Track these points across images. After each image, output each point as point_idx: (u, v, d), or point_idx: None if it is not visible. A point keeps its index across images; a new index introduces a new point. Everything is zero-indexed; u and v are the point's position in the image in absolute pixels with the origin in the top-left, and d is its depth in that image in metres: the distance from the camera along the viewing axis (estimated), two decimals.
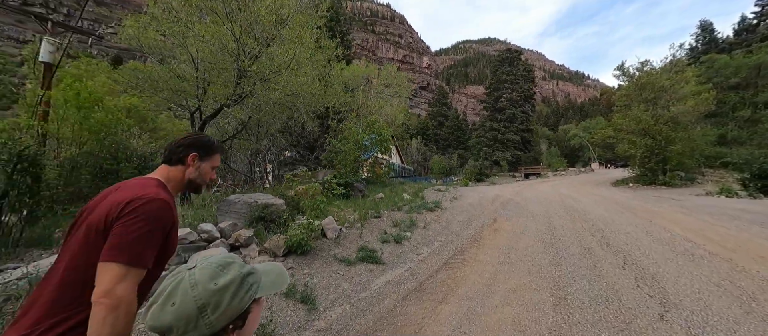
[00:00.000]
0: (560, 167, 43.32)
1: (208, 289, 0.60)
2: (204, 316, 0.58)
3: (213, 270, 0.63)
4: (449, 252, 4.69)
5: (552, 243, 5.03)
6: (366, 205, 7.75)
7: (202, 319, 0.58)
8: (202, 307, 0.58)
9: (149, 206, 0.92)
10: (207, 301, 0.59)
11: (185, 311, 0.58)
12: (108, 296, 0.81)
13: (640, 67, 21.77)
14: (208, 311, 0.59)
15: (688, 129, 19.67)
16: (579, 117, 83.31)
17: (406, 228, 5.99)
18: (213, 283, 0.61)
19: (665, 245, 4.65)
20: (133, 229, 0.88)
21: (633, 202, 9.91)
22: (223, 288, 0.61)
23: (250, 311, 0.66)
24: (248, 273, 0.67)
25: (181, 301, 0.58)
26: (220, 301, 0.60)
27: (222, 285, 0.61)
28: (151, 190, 0.97)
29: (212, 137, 1.25)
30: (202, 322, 0.58)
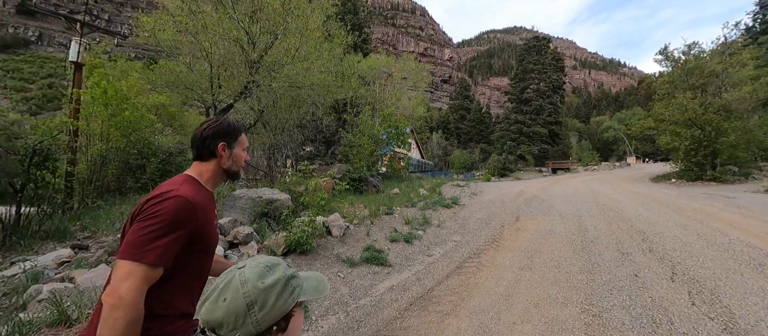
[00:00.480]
0: (592, 162, 40.63)
1: (256, 287, 0.61)
2: (252, 314, 0.59)
3: (261, 269, 0.65)
4: (464, 254, 4.27)
5: (583, 246, 4.45)
6: (379, 200, 7.44)
7: (250, 316, 0.59)
8: (250, 304, 0.60)
9: (164, 204, 0.90)
10: (255, 298, 0.60)
11: (235, 307, 0.59)
12: (111, 294, 0.80)
13: (687, 50, 19.61)
14: (256, 309, 0.60)
15: (744, 118, 17.49)
16: (613, 108, 77.77)
17: (418, 226, 5.61)
18: (261, 282, 0.62)
19: (724, 252, 3.94)
20: (145, 227, 0.87)
21: (678, 200, 8.85)
22: (269, 287, 0.62)
23: (293, 315, 0.67)
24: (292, 276, 0.68)
25: (232, 298, 0.60)
26: (266, 300, 0.61)
27: (269, 284, 0.62)
28: (175, 187, 0.96)
29: (231, 119, 1.19)
30: (249, 320, 0.59)
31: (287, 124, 13.24)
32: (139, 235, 0.86)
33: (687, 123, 16.86)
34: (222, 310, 0.60)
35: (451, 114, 66.86)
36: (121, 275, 0.81)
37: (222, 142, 1.09)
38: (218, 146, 1.09)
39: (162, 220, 0.88)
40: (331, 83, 7.86)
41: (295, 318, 0.67)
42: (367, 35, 23.29)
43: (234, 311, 0.59)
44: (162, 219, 0.88)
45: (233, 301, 0.60)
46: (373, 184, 9.68)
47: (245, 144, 1.18)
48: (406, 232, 5.10)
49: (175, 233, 0.90)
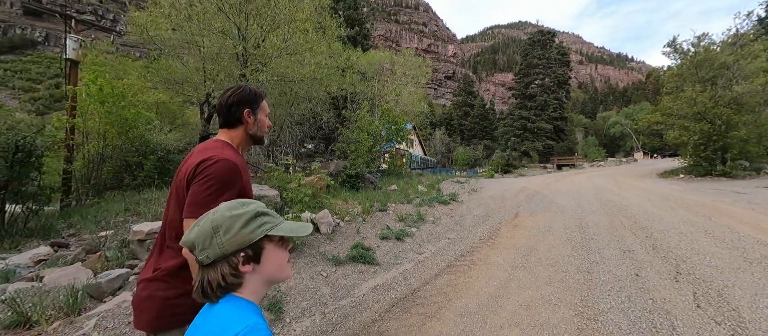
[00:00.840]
0: (598, 157, 39.97)
1: (223, 214, 0.69)
2: (217, 236, 0.67)
3: (233, 203, 0.73)
4: (456, 252, 4.09)
5: (582, 243, 4.24)
6: (374, 197, 7.27)
7: (216, 238, 0.67)
8: (216, 227, 0.67)
9: (216, 166, 1.02)
10: (220, 223, 0.68)
11: (204, 230, 0.68)
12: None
13: (697, 42, 19.02)
14: (221, 232, 0.67)
15: (756, 111, 16.94)
16: (621, 103, 76.41)
17: (412, 223, 5.43)
18: (229, 211, 0.69)
19: (733, 250, 3.70)
20: (205, 187, 0.99)
21: (685, 195, 8.54)
22: (236, 216, 0.69)
23: (264, 248, 0.71)
24: (264, 212, 0.73)
25: (203, 223, 0.69)
26: (231, 226, 0.68)
27: (235, 213, 0.69)
28: (219, 152, 1.06)
29: (252, 86, 1.25)
30: (215, 241, 0.67)
31: (285, 121, 13.12)
32: (202, 196, 0.98)
33: (696, 117, 16.39)
34: (194, 233, 0.68)
35: (454, 110, 66.30)
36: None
37: (247, 109, 1.16)
38: (244, 113, 1.16)
39: (217, 180, 1.01)
40: (324, 77, 7.66)
41: (268, 252, 0.72)
42: (367, 31, 23.05)
43: (203, 233, 0.67)
44: (217, 179, 1.01)
45: (203, 225, 0.68)
46: (371, 181, 9.51)
47: (267, 110, 1.25)
48: (398, 229, 4.93)
49: (229, 191, 1.03)
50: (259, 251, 0.71)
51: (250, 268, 0.70)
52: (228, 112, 1.16)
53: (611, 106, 76.64)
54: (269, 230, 0.71)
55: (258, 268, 0.71)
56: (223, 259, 0.68)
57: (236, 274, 0.68)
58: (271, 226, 0.72)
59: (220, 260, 0.68)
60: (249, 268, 0.70)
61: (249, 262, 0.70)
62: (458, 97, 70.61)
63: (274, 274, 0.74)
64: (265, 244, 0.72)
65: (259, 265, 0.71)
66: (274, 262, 0.73)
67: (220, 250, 0.67)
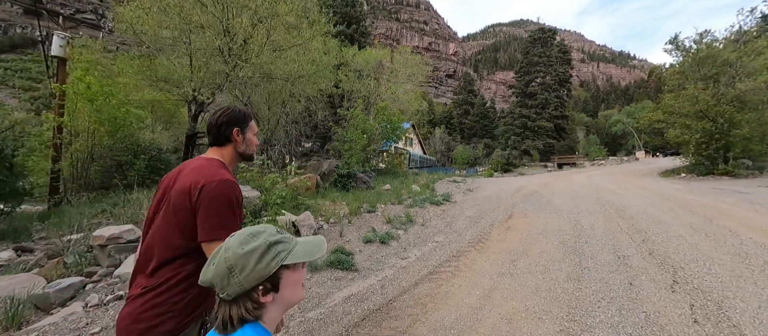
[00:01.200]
0: (599, 156, 39.61)
1: (236, 252, 0.68)
2: (233, 276, 0.66)
3: (244, 237, 0.71)
4: (442, 257, 3.88)
5: (576, 248, 4.03)
6: (364, 197, 7.07)
7: (232, 278, 0.66)
8: (231, 268, 0.67)
9: (221, 188, 1.05)
10: (234, 263, 0.67)
11: (220, 270, 0.67)
12: None
13: (699, 39, 18.69)
14: (237, 271, 0.66)
15: (759, 109, 16.63)
16: (623, 101, 75.87)
17: (399, 225, 5.23)
18: (241, 248, 0.68)
19: (734, 256, 3.48)
20: (218, 209, 1.02)
21: (686, 195, 8.30)
22: (249, 252, 0.68)
23: (281, 277, 0.72)
24: (277, 241, 0.72)
25: (217, 262, 0.68)
26: (245, 264, 0.67)
27: (248, 250, 0.68)
28: (218, 172, 1.09)
29: (241, 107, 1.28)
30: (233, 280, 0.66)
31: (280, 119, 12.92)
32: (218, 218, 1.01)
33: (698, 115, 16.11)
34: (211, 273, 0.68)
35: (454, 109, 65.96)
36: None
37: (236, 128, 1.19)
38: (233, 132, 1.19)
39: (227, 201, 1.04)
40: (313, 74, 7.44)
41: (286, 278, 0.72)
42: (364, 28, 22.80)
43: (219, 274, 0.67)
44: (227, 200, 1.04)
45: (218, 266, 0.68)
46: (364, 181, 9.31)
47: (255, 129, 1.29)
48: (384, 232, 4.73)
49: (238, 209, 1.07)
50: (277, 281, 0.72)
51: (270, 298, 0.71)
52: (218, 132, 1.20)
53: (613, 105, 76.14)
54: (284, 260, 0.71)
55: (277, 296, 0.72)
56: (244, 294, 0.69)
57: (258, 306, 0.69)
58: (285, 254, 0.72)
59: (240, 296, 0.69)
60: (269, 297, 0.71)
61: (268, 293, 0.70)
62: (458, 95, 70.24)
63: (293, 297, 0.76)
64: (282, 273, 0.72)
65: (278, 293, 0.72)
66: (291, 287, 0.74)
67: (239, 289, 0.67)
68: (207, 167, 1.11)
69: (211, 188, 1.03)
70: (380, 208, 6.29)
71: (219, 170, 1.11)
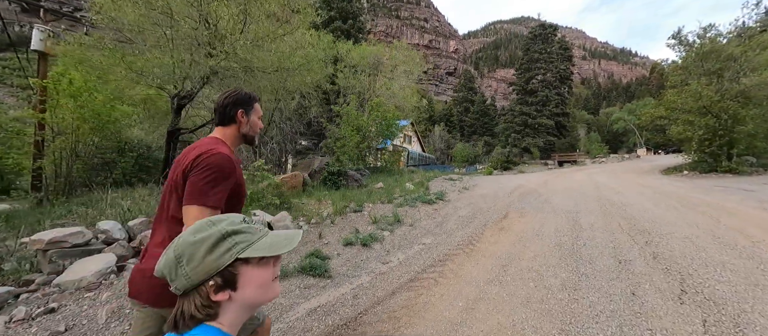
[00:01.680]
0: (600, 154, 39.22)
1: (186, 241, 0.62)
2: (180, 267, 0.60)
3: (201, 224, 0.65)
4: (427, 261, 3.56)
5: (573, 251, 3.71)
6: (353, 196, 6.77)
7: (180, 269, 0.60)
8: (179, 257, 0.61)
9: (212, 159, 1.07)
10: (182, 251, 0.61)
11: (169, 259, 0.61)
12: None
13: (702, 34, 18.27)
14: (184, 262, 0.60)
15: (764, 105, 16.25)
16: (624, 99, 75.30)
17: (386, 225, 4.91)
18: (193, 236, 0.62)
19: (747, 261, 3.16)
20: (203, 177, 1.04)
21: (690, 193, 7.97)
22: (198, 241, 0.61)
23: (238, 273, 0.62)
24: (235, 232, 0.64)
25: (169, 251, 0.62)
26: (193, 254, 0.61)
27: (198, 239, 0.62)
28: (214, 146, 1.12)
29: (247, 90, 1.31)
30: (180, 272, 0.60)
31: (274, 116, 12.59)
32: (200, 185, 1.04)
33: (701, 111, 15.75)
34: (163, 262, 0.62)
35: (454, 106, 65.53)
36: (193, 216, 0.99)
37: (241, 109, 1.22)
38: (238, 113, 1.22)
39: (214, 171, 1.06)
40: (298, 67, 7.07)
41: (245, 275, 0.63)
42: (361, 24, 22.40)
43: (168, 263, 0.61)
44: (214, 170, 1.06)
45: (168, 254, 0.62)
46: (355, 179, 9.00)
47: (260, 112, 1.30)
48: (368, 233, 4.42)
49: (225, 182, 1.09)
50: (232, 277, 0.62)
51: (225, 296, 0.62)
52: (223, 112, 1.22)
53: (614, 102, 75.61)
54: (241, 252, 0.62)
55: (235, 294, 0.62)
56: (194, 289, 0.61)
57: (209, 305, 0.61)
58: (243, 246, 0.63)
59: (191, 291, 0.61)
60: (224, 295, 0.62)
61: (222, 290, 0.61)
62: (458, 93, 69.74)
63: (257, 297, 0.65)
64: (239, 268, 0.62)
65: (235, 291, 0.62)
66: (253, 285, 0.64)
67: (186, 282, 0.60)
68: (207, 142, 1.15)
69: (204, 158, 1.06)
70: (368, 207, 5.97)
71: (217, 145, 1.14)
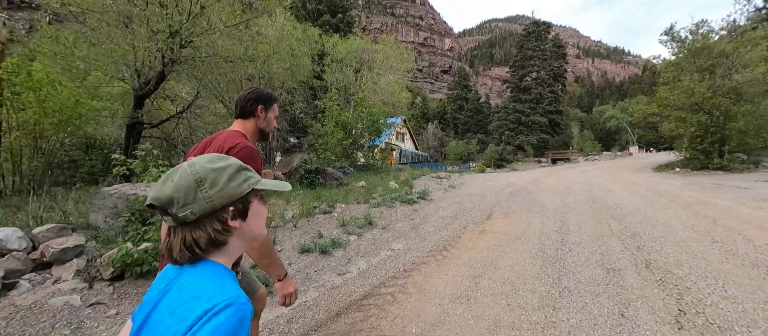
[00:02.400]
0: (593, 151, 39.22)
1: (205, 167, 0.62)
2: (202, 189, 0.60)
3: (210, 156, 0.66)
4: (391, 271, 3.11)
5: (557, 258, 3.29)
6: (327, 196, 6.29)
7: (201, 192, 0.59)
8: (200, 180, 0.60)
9: (245, 150, 1.14)
10: (204, 176, 0.61)
11: (184, 183, 0.59)
12: None
13: (695, 30, 18.09)
14: (207, 185, 0.60)
15: (755, 102, 16.12)
16: (617, 97, 75.75)
17: (355, 228, 4.45)
18: (210, 164, 0.63)
19: (752, 269, 2.76)
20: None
21: (683, 191, 7.65)
22: (220, 168, 0.63)
23: (251, 202, 0.67)
24: (245, 167, 0.69)
25: (180, 176, 0.60)
26: (217, 179, 0.61)
27: (219, 166, 0.63)
28: (242, 139, 1.20)
29: (269, 89, 1.42)
30: (200, 195, 0.59)
31: None
32: None
33: (693, 108, 15.57)
34: (170, 188, 0.59)
35: (448, 104, 65.24)
36: None
37: (261, 106, 1.32)
38: (258, 109, 1.31)
39: (248, 162, 0.99)
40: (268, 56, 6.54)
41: (254, 207, 0.68)
42: (351, 18, 21.85)
43: (184, 186, 0.59)
44: (248, 161, 1.00)
45: (182, 179, 0.60)
46: (335, 177, 8.51)
47: (277, 113, 1.41)
48: (332, 237, 3.95)
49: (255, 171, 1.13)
50: (247, 205, 0.66)
51: (238, 225, 0.65)
52: (245, 106, 1.30)
53: (607, 100, 76.02)
54: (255, 184, 0.67)
55: (243, 224, 0.66)
56: (212, 214, 0.61)
57: (227, 230, 0.63)
58: (255, 180, 0.68)
59: (206, 216, 0.61)
60: (237, 223, 0.64)
61: (237, 218, 0.64)
62: (453, 90, 69.42)
63: (256, 229, 0.70)
64: (252, 199, 0.68)
65: (244, 221, 0.66)
66: (257, 217, 0.70)
67: (208, 205, 0.60)
68: (235, 136, 1.22)
69: (238, 150, 1.13)
70: (340, 208, 5.51)
71: (243, 139, 1.22)
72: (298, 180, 7.71)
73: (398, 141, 30.60)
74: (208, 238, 0.60)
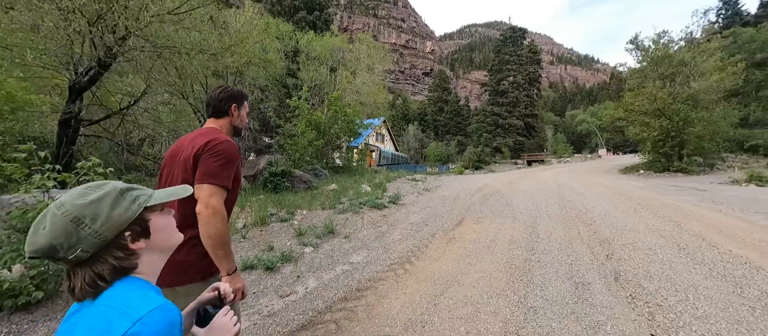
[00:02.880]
0: (565, 154, 40.80)
1: (77, 204, 0.58)
2: (83, 227, 0.56)
3: (80, 190, 0.61)
4: (342, 290, 2.74)
5: (525, 271, 3.05)
6: (290, 201, 5.82)
7: (83, 230, 0.56)
8: (77, 219, 0.56)
9: (223, 145, 1.17)
10: (79, 213, 0.57)
11: (59, 228, 0.55)
12: (207, 207, 1.09)
13: (657, 39, 19.12)
14: (87, 222, 0.57)
15: (709, 109, 17.23)
16: (587, 102, 79.57)
17: (313, 238, 4.04)
18: (81, 199, 0.58)
19: (721, 282, 2.64)
20: (216, 160, 1.14)
21: (648, 193, 7.83)
22: (95, 201, 0.59)
23: (149, 219, 0.65)
24: (128, 188, 0.65)
25: (52, 222, 0.56)
26: (97, 212, 0.58)
27: (93, 199, 0.59)
28: (219, 135, 1.22)
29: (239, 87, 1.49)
30: (83, 233, 0.56)
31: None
32: (213, 167, 1.14)
33: (656, 113, 16.38)
34: (45, 237, 0.56)
35: (429, 106, 65.81)
36: (207, 194, 1.10)
37: (234, 103, 1.34)
38: (231, 106, 1.34)
39: (225, 155, 1.17)
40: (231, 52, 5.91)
41: (155, 222, 0.66)
42: (328, 16, 21.28)
43: (61, 231, 0.56)
44: (225, 155, 1.17)
45: (55, 225, 0.56)
46: (303, 180, 8.02)
47: (247, 109, 1.43)
48: (284, 251, 3.52)
49: (233, 165, 1.20)
50: (145, 225, 0.64)
51: (142, 245, 0.63)
52: (219, 104, 1.31)
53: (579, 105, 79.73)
54: (147, 202, 0.64)
55: (149, 242, 0.65)
56: (107, 246, 0.59)
57: (130, 254, 0.62)
58: (145, 198, 0.65)
59: (103, 249, 0.59)
60: (142, 244, 0.63)
61: (139, 239, 0.63)
62: (434, 92, 70.13)
63: (168, 241, 0.70)
64: (148, 217, 0.65)
65: (149, 239, 0.65)
66: (164, 230, 0.68)
67: (98, 240, 0.57)
68: (212, 131, 1.25)
69: (216, 144, 1.16)
70: (301, 214, 5.07)
71: (220, 134, 1.24)
72: (262, 184, 7.16)
73: (378, 142, 30.29)
74: (112, 268, 0.58)
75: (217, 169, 1.12)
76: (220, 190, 1.12)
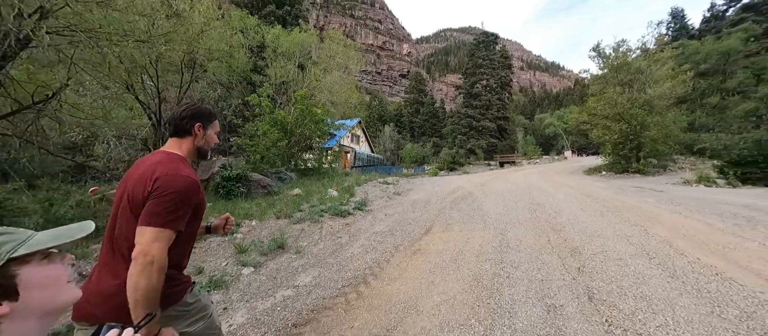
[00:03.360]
0: (535, 155, 42.47)
1: None
2: None
3: None
4: (273, 327, 2.23)
5: (493, 290, 2.71)
6: (240, 209, 5.18)
7: None
8: None
9: (177, 183, 1.03)
10: None
11: None
12: (144, 254, 0.95)
13: (616, 48, 20.23)
14: None
15: (662, 113, 18.45)
16: (554, 106, 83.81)
17: (256, 256, 3.47)
18: None
19: (696, 298, 2.43)
20: (165, 201, 1.00)
21: (612, 195, 7.96)
22: None
23: (16, 275, 0.53)
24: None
25: None
26: None
27: None
28: (176, 166, 1.08)
29: (208, 106, 1.30)
30: None
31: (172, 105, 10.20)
32: (161, 208, 1.00)
33: (616, 117, 17.23)
34: None
35: (405, 107, 66.08)
36: (149, 239, 0.97)
37: (199, 123, 1.20)
38: (195, 126, 1.20)
39: (178, 196, 1.03)
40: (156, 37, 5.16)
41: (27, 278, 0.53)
42: (299, 11, 20.44)
43: None
44: (178, 195, 1.03)
45: None
46: (263, 185, 7.34)
47: (217, 129, 1.30)
48: (214, 274, 2.94)
49: (188, 206, 1.07)
50: (9, 283, 0.52)
51: (6, 309, 0.51)
52: (180, 123, 1.19)
53: (546, 109, 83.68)
54: (13, 251, 0.53)
55: (16, 304, 0.52)
56: None
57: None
58: (12, 246, 0.54)
59: None
60: (5, 308, 0.51)
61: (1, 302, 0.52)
62: (410, 94, 70.53)
63: (48, 301, 0.55)
64: (16, 271, 0.53)
65: (17, 301, 0.52)
66: (43, 288, 0.55)
67: None
68: (167, 162, 1.09)
69: (167, 180, 1.03)
70: (249, 225, 4.46)
71: (179, 165, 1.10)
72: (213, 189, 6.41)
73: (353, 143, 29.68)
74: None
75: (166, 209, 1.00)
76: (167, 233, 1.00)
